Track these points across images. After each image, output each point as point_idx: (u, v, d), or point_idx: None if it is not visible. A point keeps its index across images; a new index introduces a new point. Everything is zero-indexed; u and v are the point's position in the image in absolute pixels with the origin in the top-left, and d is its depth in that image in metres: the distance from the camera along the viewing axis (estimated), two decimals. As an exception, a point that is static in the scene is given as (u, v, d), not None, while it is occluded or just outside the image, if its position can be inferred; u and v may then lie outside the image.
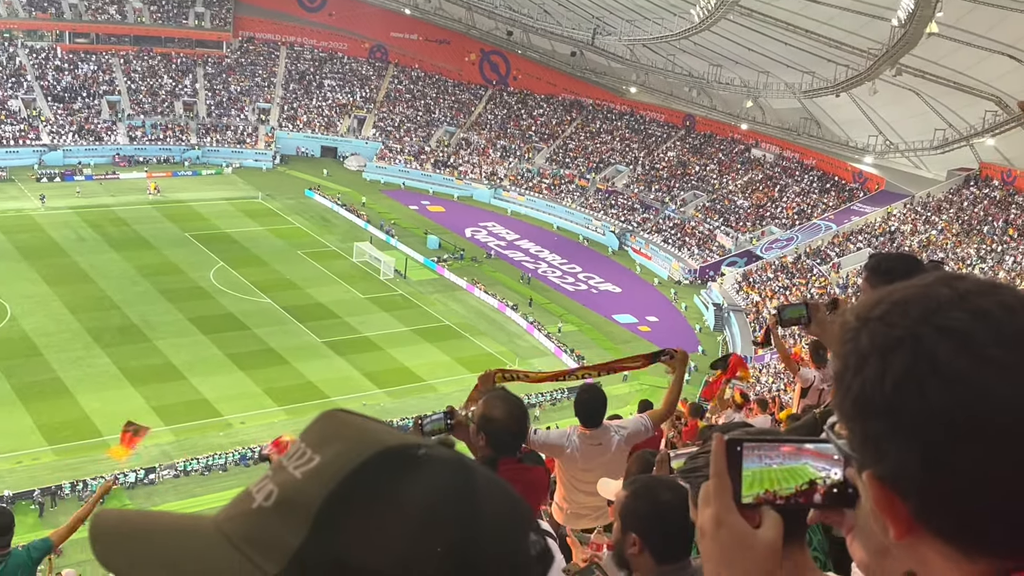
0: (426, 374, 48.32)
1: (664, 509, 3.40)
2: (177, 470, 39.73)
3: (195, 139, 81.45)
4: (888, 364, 1.12)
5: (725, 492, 1.61)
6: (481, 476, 1.06)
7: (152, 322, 50.71)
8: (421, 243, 66.77)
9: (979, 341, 1.09)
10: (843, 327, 1.22)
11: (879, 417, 1.14)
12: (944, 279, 1.17)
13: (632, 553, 3.36)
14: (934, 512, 1.13)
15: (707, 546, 1.64)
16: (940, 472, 1.10)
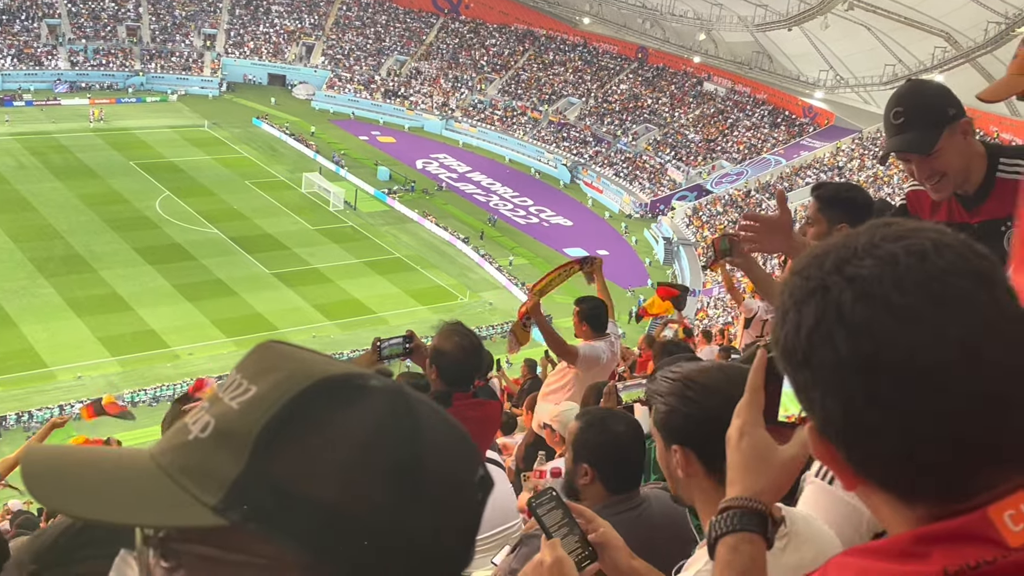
0: (376, 306, 48.22)
1: (617, 440, 3.43)
2: (124, 401, 39.43)
3: (139, 65, 79.42)
4: (802, 316, 1.14)
5: (755, 407, 1.73)
6: (421, 405, 1.05)
7: (97, 252, 49.89)
8: (371, 174, 66.13)
9: (881, 288, 1.10)
10: (781, 284, 1.25)
11: (801, 369, 1.16)
12: (870, 227, 1.18)
13: (583, 483, 3.41)
14: (862, 461, 1.15)
15: (730, 455, 1.77)
16: (859, 421, 1.11)
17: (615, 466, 3.43)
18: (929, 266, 1.11)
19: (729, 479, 1.77)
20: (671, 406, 2.31)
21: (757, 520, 1.72)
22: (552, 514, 2.43)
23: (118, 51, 79.65)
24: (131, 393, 39.53)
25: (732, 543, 1.72)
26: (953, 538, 1.07)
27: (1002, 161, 3.49)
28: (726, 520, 1.74)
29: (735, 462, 1.75)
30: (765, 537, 1.74)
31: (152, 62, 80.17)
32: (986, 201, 3.44)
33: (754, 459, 1.73)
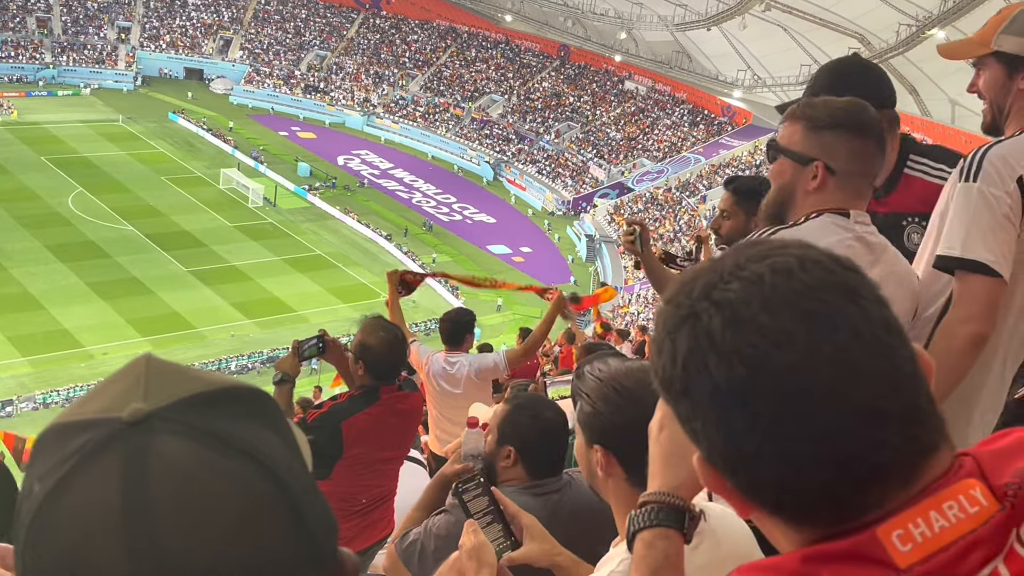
0: (297, 304, 47.65)
1: (544, 425, 3.44)
2: (36, 402, 38.36)
3: (50, 58, 77.23)
4: (676, 345, 1.12)
5: None
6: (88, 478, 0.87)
7: (6, 250, 48.38)
8: (291, 170, 65.32)
9: (749, 311, 1.08)
10: (656, 314, 1.22)
11: (681, 399, 1.14)
12: (736, 249, 1.17)
13: (504, 465, 3.40)
14: (749, 488, 1.13)
15: (651, 447, 1.76)
16: (740, 448, 1.09)
17: (539, 450, 3.42)
18: (796, 283, 1.08)
19: (650, 472, 1.76)
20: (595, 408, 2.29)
21: (675, 515, 1.71)
22: (477, 501, 2.42)
23: (28, 43, 77.36)
24: (43, 395, 38.49)
25: (648, 539, 1.70)
26: (842, 558, 1.05)
27: (912, 157, 3.55)
28: (644, 515, 1.72)
29: (655, 455, 1.74)
30: (682, 533, 1.72)
31: (64, 55, 78.04)
32: (892, 193, 3.50)
33: (674, 453, 1.71)
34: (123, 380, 0.96)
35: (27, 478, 0.91)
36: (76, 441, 0.88)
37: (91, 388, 0.97)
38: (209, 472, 0.88)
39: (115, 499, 0.84)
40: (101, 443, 0.87)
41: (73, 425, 0.90)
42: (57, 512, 0.85)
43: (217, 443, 0.89)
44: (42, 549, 0.85)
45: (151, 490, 0.85)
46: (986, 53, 3.06)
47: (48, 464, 0.88)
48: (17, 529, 0.88)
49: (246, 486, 0.88)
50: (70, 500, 0.85)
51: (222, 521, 0.86)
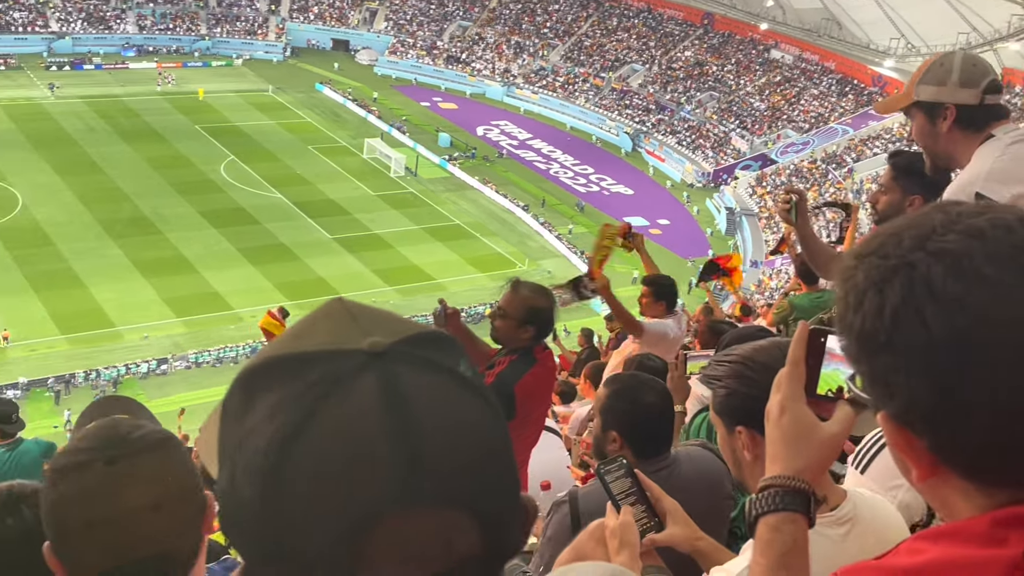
0: (435, 273, 48.46)
1: (644, 409, 3.47)
2: (189, 361, 40.26)
3: (205, 29, 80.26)
4: (885, 296, 1.10)
5: (796, 380, 1.67)
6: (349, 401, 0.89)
7: (163, 215, 50.76)
8: (432, 140, 66.25)
9: (974, 261, 1.05)
10: (841, 270, 1.19)
11: (882, 352, 1.11)
12: (939, 206, 1.15)
13: (611, 449, 3.44)
14: (949, 447, 1.10)
15: (770, 431, 1.71)
16: (950, 403, 1.06)
17: (643, 433, 3.45)
18: (1016, 239, 1.06)
19: (769, 455, 1.72)
20: (730, 388, 2.28)
21: (800, 499, 1.66)
22: (620, 482, 2.43)
23: (185, 15, 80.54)
24: (195, 354, 40.35)
25: (774, 523, 1.67)
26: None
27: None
28: (767, 499, 1.68)
29: (775, 438, 1.70)
30: (808, 517, 1.68)
31: (218, 26, 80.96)
32: None
33: (795, 435, 1.68)
34: (329, 319, 0.97)
35: (238, 414, 0.93)
36: (314, 371, 0.90)
37: (291, 329, 0.99)
38: (459, 403, 0.92)
39: (379, 422, 0.87)
40: (349, 371, 0.90)
41: (296, 358, 0.92)
42: (314, 438, 0.87)
43: (457, 378, 0.94)
44: (301, 475, 0.87)
45: (413, 413, 0.88)
46: (909, 103, 3.29)
47: (283, 394, 0.90)
48: (249, 458, 0.89)
49: (486, 422, 0.93)
50: (328, 426, 0.87)
51: (475, 449, 0.91)
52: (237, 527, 0.91)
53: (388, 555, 0.86)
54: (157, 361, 39.72)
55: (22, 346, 39.14)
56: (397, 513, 0.86)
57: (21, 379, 37.14)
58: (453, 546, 0.89)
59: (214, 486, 0.99)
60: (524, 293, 5.07)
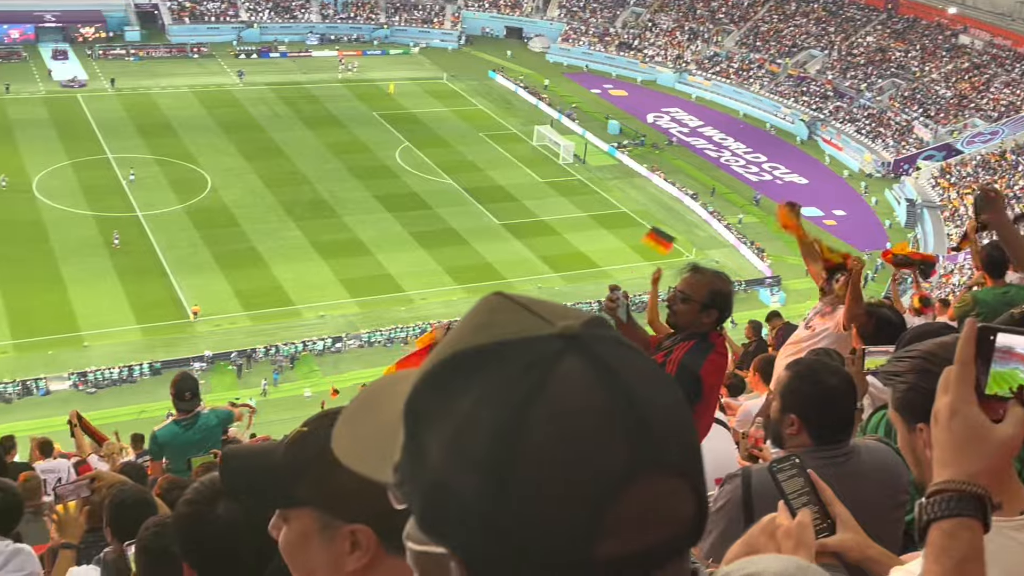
0: (601, 260, 48.46)
1: (827, 392, 3.41)
2: (362, 340, 41.65)
3: (384, 18, 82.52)
4: None
5: (966, 381, 1.60)
6: (566, 383, 0.91)
7: (341, 198, 52.60)
8: (601, 128, 66.14)
9: None
10: None
11: None
12: None
13: (790, 432, 3.40)
14: None
15: (938, 433, 1.64)
16: None
17: (823, 417, 3.38)
18: None
19: (938, 460, 1.64)
20: (911, 384, 2.25)
21: (976, 504, 1.58)
22: (792, 481, 2.40)
23: (365, 4, 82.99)
24: (368, 333, 41.71)
25: (949, 529, 1.59)
26: None
27: None
28: (940, 504, 1.60)
29: (945, 442, 1.63)
30: (984, 523, 1.60)
31: (396, 15, 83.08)
32: None
33: (966, 439, 1.60)
34: (501, 311, 0.99)
35: (435, 410, 0.94)
36: (515, 359, 0.92)
37: (465, 325, 1.00)
38: (659, 377, 0.96)
39: (601, 398, 0.89)
40: (551, 355, 0.91)
41: (490, 348, 0.94)
42: (539, 422, 0.88)
43: (646, 356, 0.96)
44: (533, 460, 0.88)
45: (629, 388, 0.91)
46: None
47: (491, 384, 0.91)
48: (466, 451, 0.90)
49: (682, 395, 0.97)
50: (550, 409, 0.89)
51: (684, 420, 0.95)
52: (454, 520, 0.92)
53: (627, 524, 0.88)
54: (332, 339, 41.26)
55: (208, 321, 41.36)
56: (633, 483, 0.88)
57: (207, 352, 39.30)
58: (677, 513, 0.92)
59: (392, 485, 1.00)
60: (706, 277, 5.06)
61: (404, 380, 1.10)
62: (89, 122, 59.33)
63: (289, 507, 1.57)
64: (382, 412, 1.11)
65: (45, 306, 40.65)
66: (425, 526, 0.96)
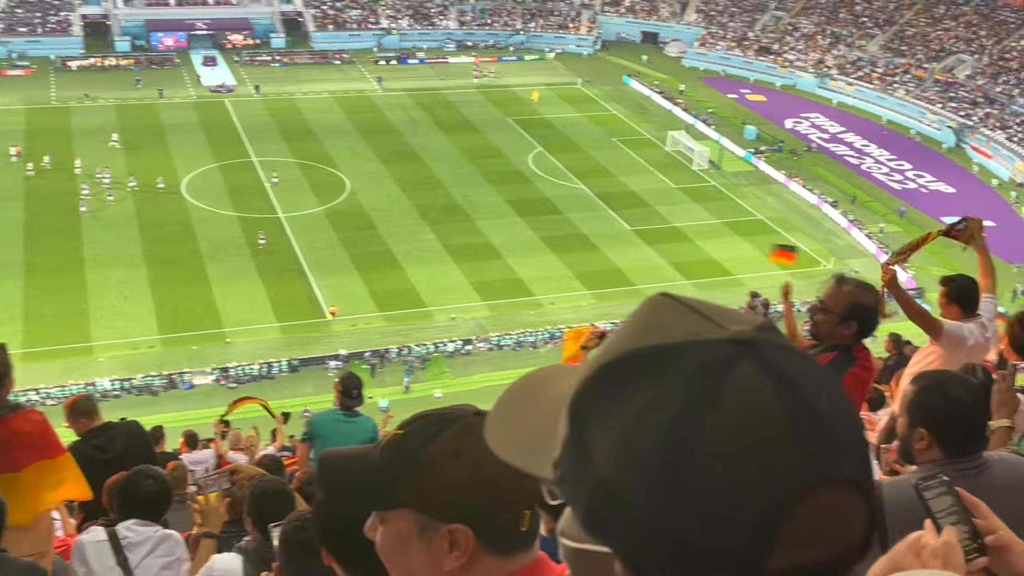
0: (735, 268, 47.68)
1: (955, 404, 3.32)
2: (491, 344, 42.03)
3: (520, 24, 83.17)
4: None
5: None
6: (742, 386, 0.90)
7: (474, 203, 53.23)
8: (738, 133, 65.11)
9: None
10: None
11: None
12: None
13: (919, 448, 3.31)
14: None
15: None
16: None
17: (953, 431, 3.30)
18: None
19: None
20: None
21: None
22: (941, 499, 2.31)
23: (502, 11, 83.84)
24: (497, 337, 42.07)
25: None
26: None
27: None
28: None
29: None
30: None
31: (532, 21, 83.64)
32: None
33: None
34: (669, 312, 0.98)
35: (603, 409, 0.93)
36: (686, 362, 0.91)
37: (632, 325, 0.99)
38: (833, 386, 0.93)
39: (779, 406, 0.88)
40: (723, 360, 0.90)
41: (661, 350, 0.93)
42: (714, 426, 0.87)
43: (819, 365, 0.95)
44: (706, 463, 0.87)
45: (806, 397, 0.89)
46: None
47: (664, 386, 0.90)
48: (638, 451, 0.89)
49: (852, 404, 0.95)
50: (725, 413, 0.88)
51: (858, 430, 0.93)
52: (620, 520, 0.90)
53: (802, 537, 0.86)
54: (463, 341, 41.77)
55: (345, 321, 42.43)
56: (811, 494, 0.86)
57: (342, 351, 40.31)
58: (851, 527, 0.90)
59: (550, 480, 0.99)
60: (847, 288, 4.96)
61: (560, 375, 1.11)
62: (235, 126, 61.69)
63: (387, 509, 1.60)
64: (537, 406, 1.10)
65: (191, 303, 42.43)
66: (589, 525, 0.94)
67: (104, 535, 5.06)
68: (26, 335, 38.12)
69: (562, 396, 1.01)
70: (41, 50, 71.73)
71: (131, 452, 6.85)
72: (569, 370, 1.12)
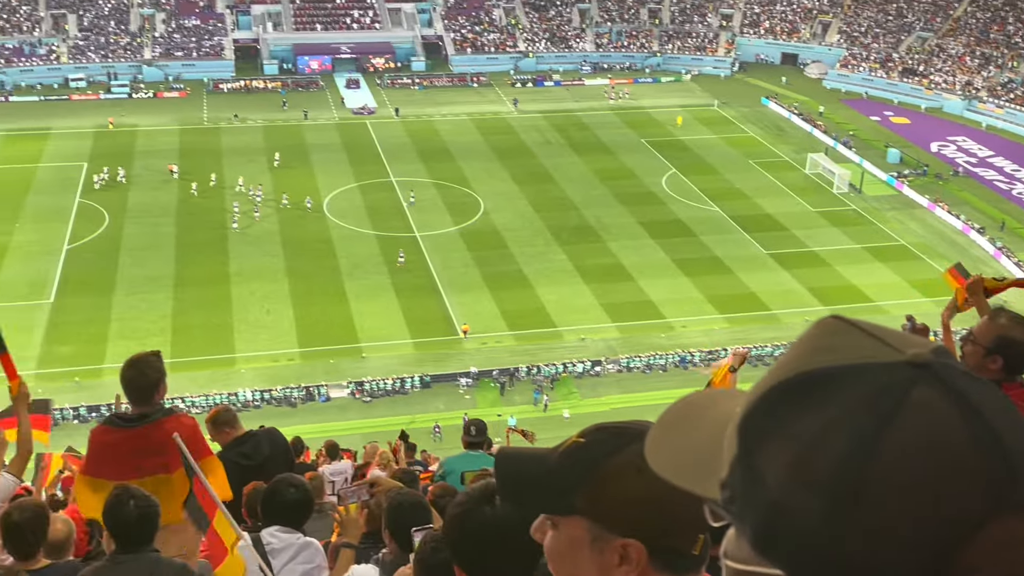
0: (875, 295, 46.33)
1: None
2: (620, 366, 41.89)
3: (657, 46, 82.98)
4: None
5: None
6: (917, 410, 0.89)
7: (606, 224, 53.24)
8: (880, 157, 63.32)
9: None
10: None
11: None
12: None
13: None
14: None
15: None
16: None
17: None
18: None
19: None
20: None
21: None
22: None
23: (639, 33, 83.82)
24: (627, 359, 41.90)
25: None
26: None
27: None
28: None
29: None
30: None
31: (669, 43, 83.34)
32: None
33: None
34: (841, 335, 0.98)
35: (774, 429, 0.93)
36: (863, 384, 0.90)
37: (804, 345, 0.99)
38: (1015, 412, 0.91)
39: (963, 430, 0.86)
40: (901, 383, 0.89)
41: (837, 371, 0.92)
42: (894, 449, 0.86)
43: (998, 390, 0.93)
44: (885, 487, 0.86)
45: (990, 422, 0.87)
46: None
47: (840, 408, 0.90)
48: (813, 473, 0.88)
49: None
50: (906, 437, 0.86)
51: None
52: (792, 543, 0.90)
53: (984, 564, 0.85)
54: (592, 362, 41.76)
55: (476, 339, 42.98)
56: (993, 521, 0.84)
57: (472, 369, 40.83)
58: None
59: (718, 501, 0.99)
60: (1000, 321, 4.78)
61: (723, 397, 1.12)
62: (376, 147, 63.36)
63: (562, 514, 1.60)
64: (700, 426, 1.11)
65: (329, 318, 43.71)
66: (759, 546, 0.93)
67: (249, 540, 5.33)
68: (174, 345, 39.90)
69: (726, 417, 1.01)
70: (195, 73, 75.26)
71: (274, 458, 7.17)
72: (732, 392, 1.14)
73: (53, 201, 53.87)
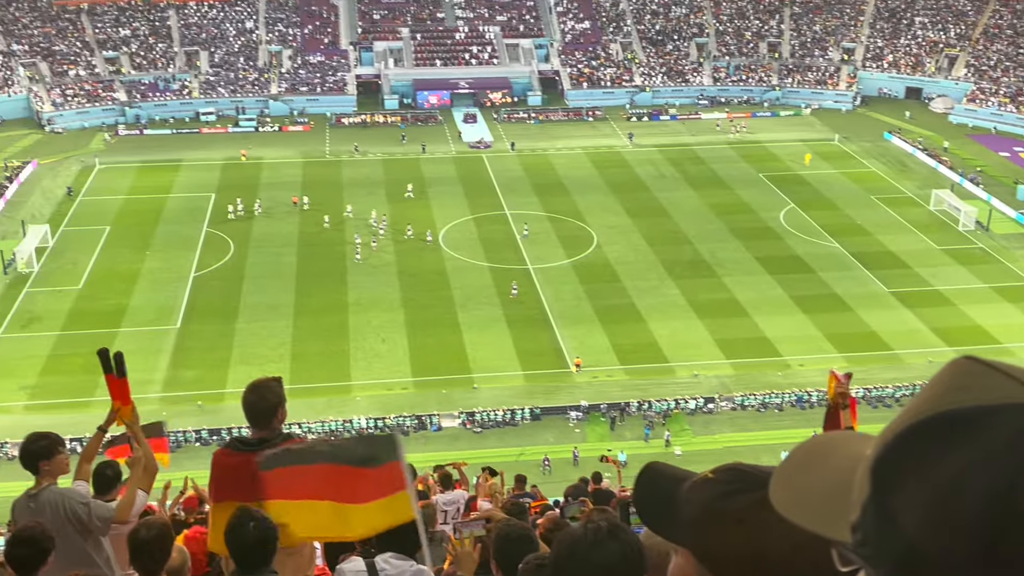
0: (1002, 336, 44.56)
1: None
2: (734, 403, 41.18)
3: (776, 80, 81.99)
4: None
5: None
6: None
7: (721, 258, 52.61)
8: (1009, 193, 61.06)
9: None
10: None
11: None
12: None
13: None
14: None
15: None
16: None
17: None
18: None
19: None
20: None
21: None
22: None
23: (758, 67, 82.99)
24: (741, 396, 41.17)
25: None
26: None
27: None
28: None
29: None
30: None
31: (789, 77, 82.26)
32: None
33: None
34: (977, 375, 0.96)
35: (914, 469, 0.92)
36: (1005, 427, 0.89)
37: (938, 385, 0.98)
38: None
39: None
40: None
41: (977, 412, 0.91)
42: None
43: None
44: None
45: None
46: None
47: (981, 449, 0.89)
48: (955, 514, 0.88)
49: None
50: None
51: None
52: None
53: None
54: (704, 399, 41.17)
55: (587, 372, 42.86)
56: None
57: (583, 402, 40.70)
58: None
59: (848, 544, 0.99)
60: None
61: (850, 438, 1.11)
62: (491, 180, 64.09)
63: (677, 543, 1.62)
64: (827, 469, 1.10)
65: (442, 348, 44.20)
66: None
67: (363, 565, 5.43)
68: (292, 372, 40.89)
69: (855, 458, 1.00)
70: (319, 108, 77.60)
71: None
72: (860, 435, 1.13)
73: (182, 230, 56.05)
